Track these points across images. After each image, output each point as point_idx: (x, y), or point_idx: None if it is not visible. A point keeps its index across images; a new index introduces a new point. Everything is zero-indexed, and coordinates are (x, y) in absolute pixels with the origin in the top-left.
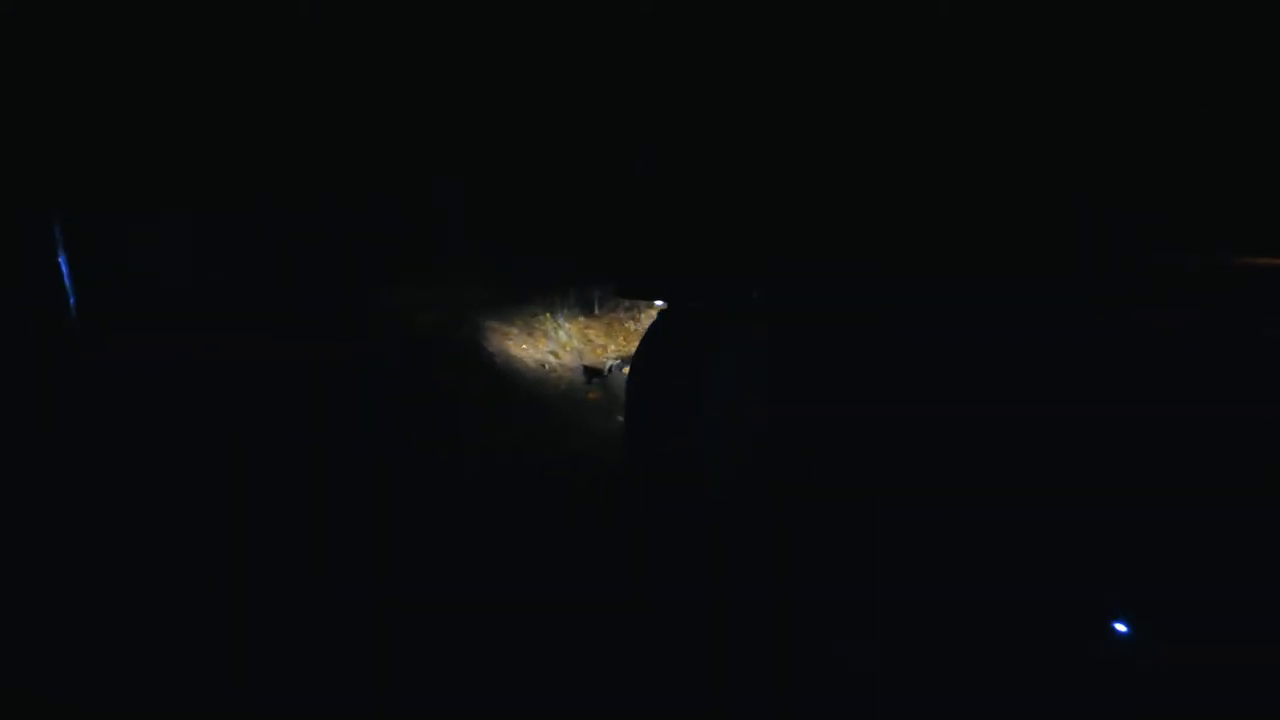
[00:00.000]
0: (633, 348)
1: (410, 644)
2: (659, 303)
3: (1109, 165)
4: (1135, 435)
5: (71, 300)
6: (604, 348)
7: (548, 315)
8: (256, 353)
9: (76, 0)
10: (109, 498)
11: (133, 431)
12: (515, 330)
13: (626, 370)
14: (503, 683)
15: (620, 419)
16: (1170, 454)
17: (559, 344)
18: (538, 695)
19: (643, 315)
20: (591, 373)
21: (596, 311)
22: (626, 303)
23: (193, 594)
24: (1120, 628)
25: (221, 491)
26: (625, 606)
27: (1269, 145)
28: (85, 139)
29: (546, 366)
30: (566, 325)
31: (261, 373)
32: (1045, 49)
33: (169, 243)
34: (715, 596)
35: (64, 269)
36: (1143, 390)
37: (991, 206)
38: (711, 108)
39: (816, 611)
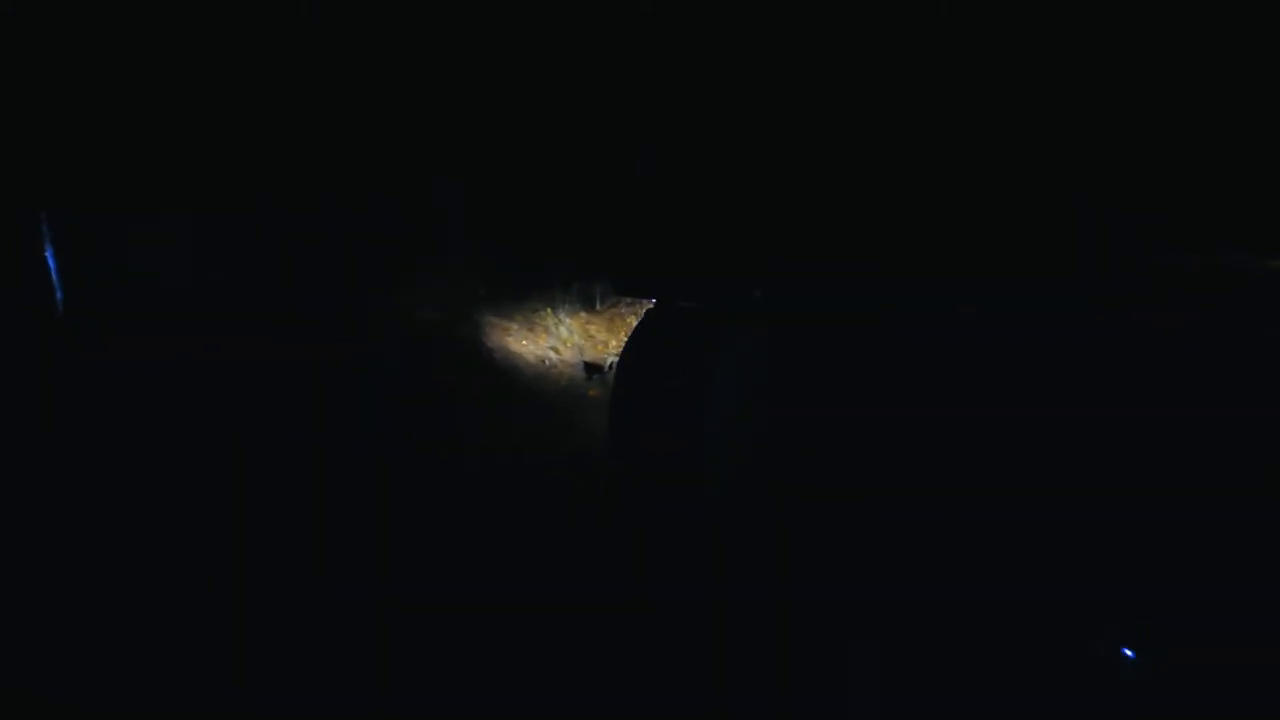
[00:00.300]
0: None
1: (410, 644)
2: None
3: (1109, 165)
4: (1135, 435)
5: (58, 295)
6: (605, 344)
7: (548, 311)
8: (256, 353)
9: (76, 0)
10: (109, 498)
11: (132, 432)
12: (515, 326)
13: None
14: (503, 683)
15: None
16: (1170, 454)
17: (560, 340)
18: (538, 695)
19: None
20: (592, 369)
21: (598, 307)
22: (629, 299)
23: (193, 594)
24: (1128, 653)
25: (221, 492)
26: (625, 606)
27: (1269, 145)
28: (85, 138)
29: (547, 362)
30: (567, 321)
31: (261, 373)
32: (1045, 50)
33: (169, 243)
34: (715, 596)
35: (51, 264)
36: (1143, 390)
37: (992, 207)
38: (711, 108)
39: (816, 611)
